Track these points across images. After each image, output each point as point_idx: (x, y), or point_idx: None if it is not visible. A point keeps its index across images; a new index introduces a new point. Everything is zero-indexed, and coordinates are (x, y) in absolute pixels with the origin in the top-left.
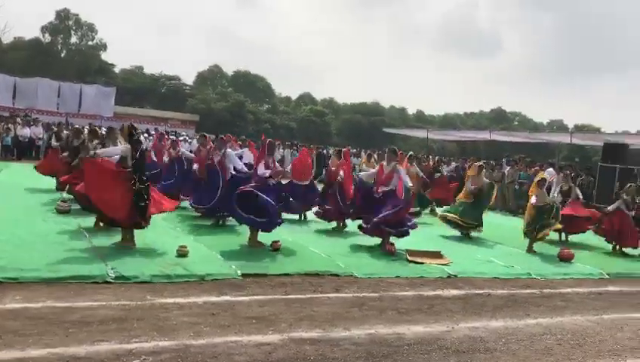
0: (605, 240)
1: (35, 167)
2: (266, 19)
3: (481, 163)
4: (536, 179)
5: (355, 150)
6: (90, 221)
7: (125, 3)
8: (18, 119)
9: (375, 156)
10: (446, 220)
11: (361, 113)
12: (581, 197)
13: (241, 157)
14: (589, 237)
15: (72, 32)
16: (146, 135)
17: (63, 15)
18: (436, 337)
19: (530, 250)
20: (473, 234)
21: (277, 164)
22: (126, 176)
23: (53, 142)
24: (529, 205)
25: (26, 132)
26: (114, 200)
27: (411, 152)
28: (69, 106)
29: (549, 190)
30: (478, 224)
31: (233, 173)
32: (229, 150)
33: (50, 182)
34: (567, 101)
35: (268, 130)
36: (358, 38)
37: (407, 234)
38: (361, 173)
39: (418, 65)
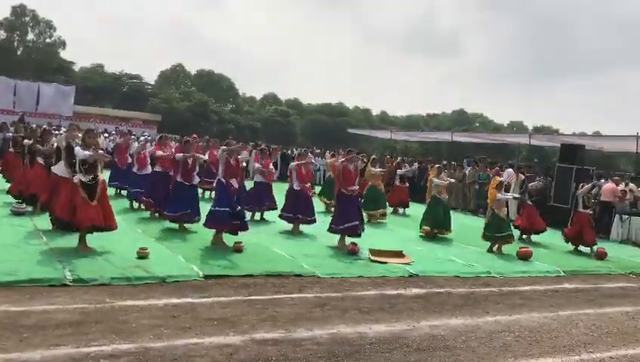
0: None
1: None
2: (229, 18)
3: (439, 165)
4: (494, 182)
5: (319, 150)
6: (47, 222)
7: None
8: None
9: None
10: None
11: (325, 114)
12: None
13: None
14: (547, 236)
15: (29, 29)
16: (106, 135)
17: (20, 11)
18: (398, 336)
19: (490, 249)
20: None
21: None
22: None
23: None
24: (489, 211)
25: None
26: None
27: (374, 156)
28: (26, 105)
29: (507, 189)
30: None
31: None
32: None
33: (5, 183)
34: (527, 103)
35: (232, 130)
36: (322, 39)
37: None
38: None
39: (382, 67)
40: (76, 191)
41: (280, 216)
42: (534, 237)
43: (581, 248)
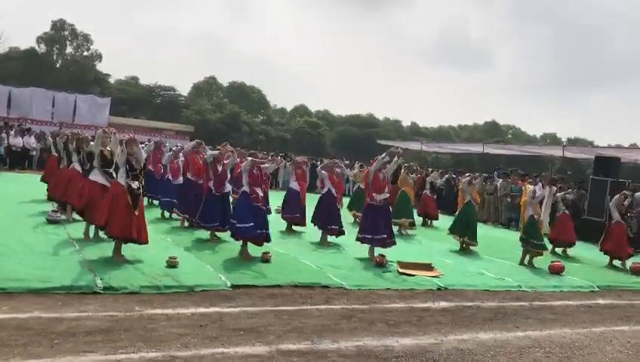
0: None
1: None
2: (260, 30)
3: (468, 175)
4: (526, 192)
5: (348, 161)
6: (80, 231)
7: (121, 14)
8: (12, 132)
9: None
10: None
11: (355, 125)
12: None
13: None
14: (581, 250)
15: (68, 43)
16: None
17: (59, 25)
18: (425, 349)
19: (522, 262)
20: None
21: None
22: None
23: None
24: (525, 217)
25: (18, 141)
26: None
27: (406, 164)
28: (64, 116)
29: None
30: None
31: None
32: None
33: (42, 192)
34: (561, 114)
35: (262, 141)
36: (352, 50)
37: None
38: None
39: (412, 78)
40: (121, 197)
41: (312, 222)
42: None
43: (615, 263)
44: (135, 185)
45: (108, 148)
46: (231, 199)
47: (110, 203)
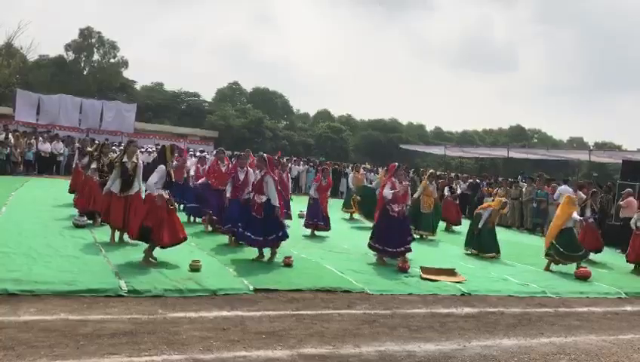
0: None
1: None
2: (283, 36)
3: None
4: (568, 200)
5: (369, 165)
6: (106, 235)
7: (146, 21)
8: (41, 138)
9: None
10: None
11: (378, 129)
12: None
13: None
14: (608, 255)
15: (95, 50)
16: (143, 148)
17: (87, 33)
18: (447, 355)
19: (547, 268)
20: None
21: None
22: None
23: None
24: (554, 225)
25: (47, 147)
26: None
27: (432, 170)
28: (91, 122)
29: (583, 209)
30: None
31: None
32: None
33: (69, 196)
34: (588, 118)
35: (286, 146)
36: (375, 55)
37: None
38: None
39: (436, 82)
40: (163, 206)
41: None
42: (593, 257)
43: None
44: (167, 193)
45: (134, 159)
46: None
47: (156, 214)
